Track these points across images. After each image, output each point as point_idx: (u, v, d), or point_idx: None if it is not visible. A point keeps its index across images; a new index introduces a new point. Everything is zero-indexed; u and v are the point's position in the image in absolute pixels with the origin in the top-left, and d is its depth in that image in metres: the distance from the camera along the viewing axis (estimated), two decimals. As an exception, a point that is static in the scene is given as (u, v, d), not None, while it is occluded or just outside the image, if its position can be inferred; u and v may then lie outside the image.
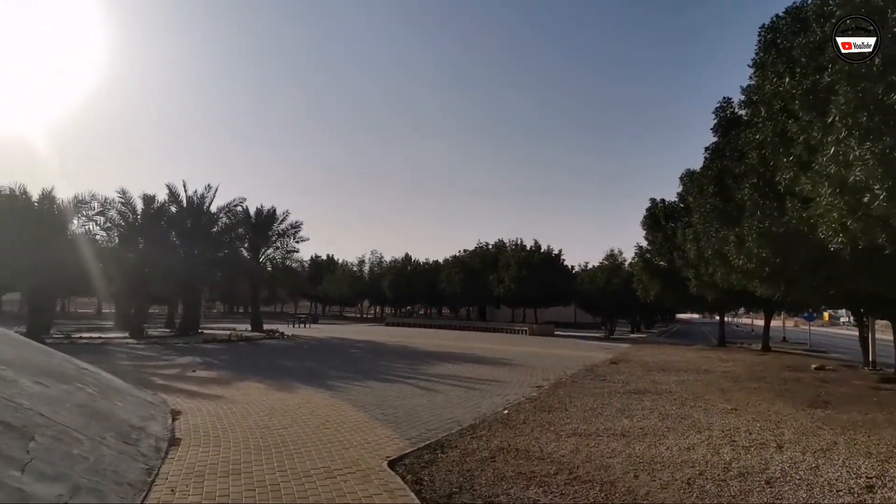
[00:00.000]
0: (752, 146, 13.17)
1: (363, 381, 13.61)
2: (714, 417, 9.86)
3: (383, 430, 8.27)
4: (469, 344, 28.92)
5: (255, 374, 14.29)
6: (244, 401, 10.22)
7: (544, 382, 14.39)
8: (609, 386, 13.79)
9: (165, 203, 26.62)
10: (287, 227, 33.91)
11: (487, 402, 11.04)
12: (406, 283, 58.68)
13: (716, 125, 19.04)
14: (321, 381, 13.34)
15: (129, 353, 18.92)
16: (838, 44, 7.83)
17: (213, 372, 14.48)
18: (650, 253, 31.55)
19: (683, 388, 13.60)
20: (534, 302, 45.73)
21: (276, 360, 18.54)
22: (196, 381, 12.73)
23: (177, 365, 15.81)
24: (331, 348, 24.26)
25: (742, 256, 13.90)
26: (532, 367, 18.45)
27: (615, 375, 16.27)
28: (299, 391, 11.67)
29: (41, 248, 19.80)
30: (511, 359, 21.09)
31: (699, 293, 26.84)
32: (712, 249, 17.87)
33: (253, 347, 23.14)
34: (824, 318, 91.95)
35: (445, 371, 16.43)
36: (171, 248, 26.33)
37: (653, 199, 31.47)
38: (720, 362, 21.46)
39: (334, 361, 18.36)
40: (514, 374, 16.07)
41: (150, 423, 7.42)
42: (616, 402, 11.35)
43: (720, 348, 30.00)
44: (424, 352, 23.45)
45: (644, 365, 19.72)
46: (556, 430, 8.56)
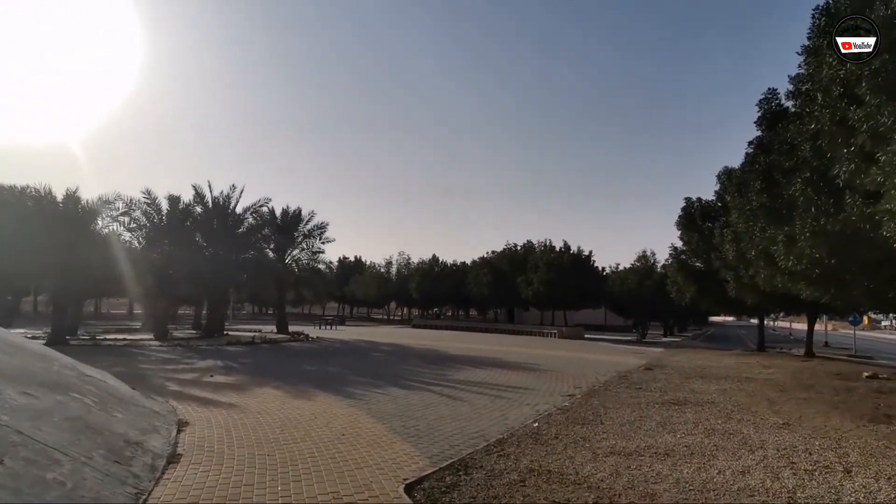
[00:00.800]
0: (806, 137, 12.14)
1: (385, 387, 12.99)
2: (766, 434, 8.95)
3: (402, 445, 7.60)
4: (497, 347, 28.16)
5: (274, 378, 13.79)
6: (258, 410, 9.67)
7: (576, 391, 13.59)
8: (646, 395, 12.92)
9: (191, 204, 26.50)
10: (313, 227, 33.63)
11: (516, 413, 10.31)
12: (433, 285, 58.11)
13: (760, 118, 17.94)
14: (341, 387, 12.76)
15: (150, 355, 18.66)
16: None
17: (232, 377, 14.02)
18: (685, 254, 30.32)
19: (727, 399, 12.65)
20: (563, 304, 44.66)
21: (297, 363, 18.07)
22: (212, 386, 12.25)
23: (196, 369, 15.41)
24: (354, 351, 23.76)
25: (791, 257, 12.87)
26: (562, 372, 17.63)
27: (651, 383, 15.36)
28: (317, 398, 11.09)
29: (65, 249, 19.69)
30: (540, 364, 20.28)
31: (738, 296, 25.64)
32: (756, 250, 16.81)
33: (276, 350, 22.76)
34: (864, 321, 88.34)
35: (471, 377, 15.73)
36: (196, 249, 26.17)
37: (688, 197, 30.26)
38: (762, 369, 20.29)
39: (357, 366, 17.80)
40: (544, 381, 15.28)
41: (151, 437, 6.88)
42: (655, 413, 10.50)
43: (760, 353, 28.65)
44: (450, 355, 22.77)
45: (681, 371, 18.72)
46: (592, 447, 7.79)
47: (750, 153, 18.97)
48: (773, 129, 16.96)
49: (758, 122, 18.08)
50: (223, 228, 27.32)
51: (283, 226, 33.17)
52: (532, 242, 52.12)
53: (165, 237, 24.28)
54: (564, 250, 44.94)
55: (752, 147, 18.81)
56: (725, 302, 29.08)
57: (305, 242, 33.74)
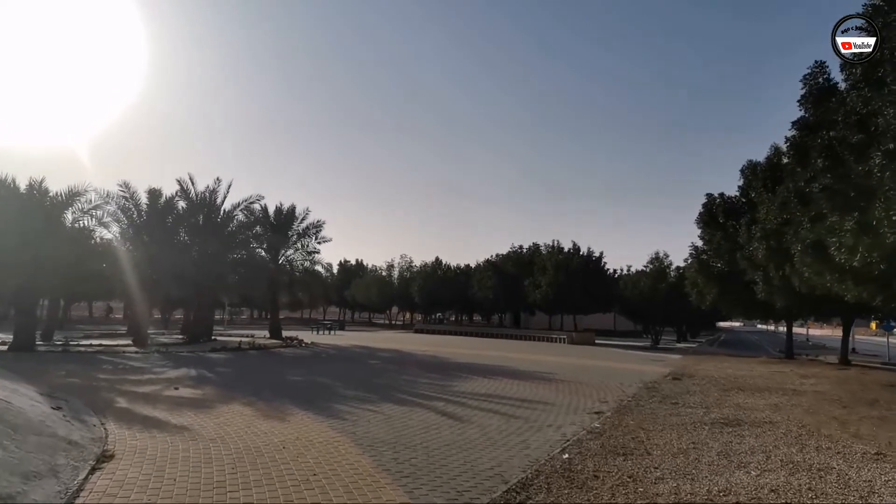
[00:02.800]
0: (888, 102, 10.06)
1: (378, 402, 10.99)
2: (863, 469, 6.92)
3: (392, 490, 5.61)
4: (504, 354, 26.13)
5: (248, 392, 11.80)
6: (214, 435, 7.68)
7: (603, 406, 11.58)
8: (687, 413, 10.88)
9: (174, 198, 24.47)
10: (308, 226, 31.67)
11: (538, 439, 8.30)
12: (436, 289, 56.03)
13: (805, 95, 15.89)
14: (325, 402, 10.77)
15: (119, 363, 16.68)
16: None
17: (200, 389, 12.03)
18: (706, 254, 28.25)
19: (785, 418, 10.61)
20: (573, 308, 42.57)
21: (282, 372, 16.09)
22: (170, 402, 10.26)
23: (162, 380, 13.41)
24: (350, 358, 21.76)
25: (861, 249, 10.81)
26: (581, 383, 15.61)
27: (686, 396, 13.33)
28: (293, 418, 9.10)
29: (29, 244, 17.74)
30: (554, 372, 18.27)
31: (767, 299, 23.59)
32: (802, 244, 14.77)
33: (263, 357, 20.77)
34: (871, 326, 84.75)
35: (479, 388, 13.72)
36: (180, 247, 24.20)
37: (709, 193, 28.23)
38: (801, 379, 18.22)
39: (349, 375, 15.79)
40: (563, 394, 13.25)
41: (38, 485, 4.89)
42: (709, 438, 8.48)
43: (789, 361, 26.55)
44: (455, 363, 20.75)
45: (713, 382, 16.68)
46: (647, 491, 5.78)
47: (793, 137, 16.90)
48: (821, 105, 14.95)
49: (802, 100, 16.03)
50: (210, 225, 25.38)
51: (277, 224, 31.21)
52: (537, 244, 50.27)
53: (144, 234, 22.31)
54: (573, 251, 42.87)
55: (795, 128, 16.76)
56: (750, 305, 27.02)
57: (300, 242, 31.78)
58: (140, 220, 22.69)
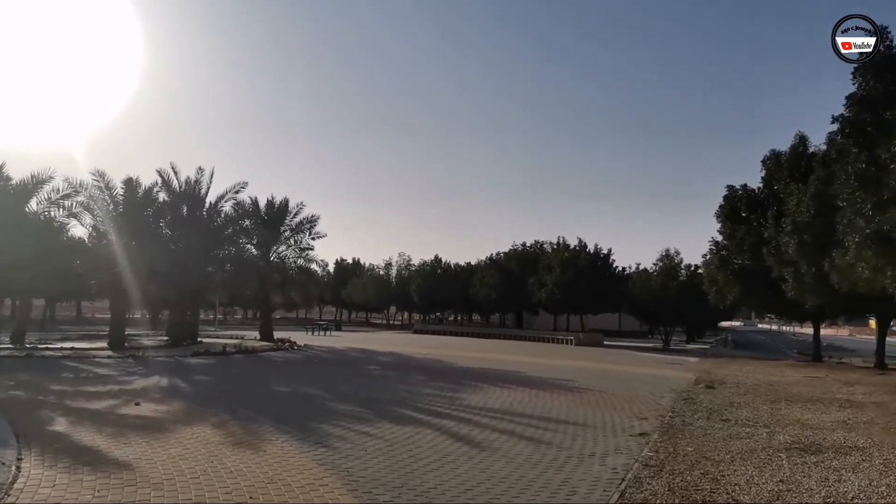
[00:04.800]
0: None
1: (377, 422, 9.14)
2: None
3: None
4: (513, 357, 24.29)
5: (223, 407, 9.96)
6: (161, 476, 5.82)
7: (644, 425, 9.75)
8: (747, 434, 9.06)
9: (154, 188, 22.50)
10: (302, 220, 29.69)
11: (583, 476, 6.47)
12: (436, 288, 54.09)
13: (861, 67, 14.05)
14: (314, 422, 8.91)
15: (83, 370, 14.81)
16: None
17: (166, 405, 10.17)
18: (726, 249, 26.44)
19: (866, 439, 8.79)
20: (581, 308, 40.71)
21: (268, 381, 14.24)
22: (124, 424, 8.41)
23: (126, 392, 11.52)
24: (345, 364, 19.91)
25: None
26: (607, 392, 13.79)
27: (733, 410, 11.53)
28: (271, 447, 7.25)
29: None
30: (572, 379, 16.46)
31: (797, 298, 21.82)
32: (860, 235, 12.98)
33: (250, 363, 18.91)
34: (870, 325, 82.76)
35: (493, 401, 11.89)
36: (161, 242, 22.28)
37: (730, 185, 26.46)
38: (845, 386, 16.43)
39: (343, 385, 13.93)
40: (592, 408, 11.41)
41: None
42: (798, 474, 6.67)
43: (818, 365, 24.76)
44: (460, 369, 18.92)
45: (752, 391, 14.89)
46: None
47: (847, 115, 15.04)
48: (882, 78, 13.17)
49: (856, 72, 14.25)
50: (194, 219, 23.48)
51: (268, 218, 29.27)
52: (539, 242, 48.51)
53: (121, 227, 20.37)
54: (580, 249, 41.02)
55: (850, 104, 14.91)
56: (775, 304, 25.24)
57: (294, 238, 29.85)
58: (116, 212, 20.74)
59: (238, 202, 25.92)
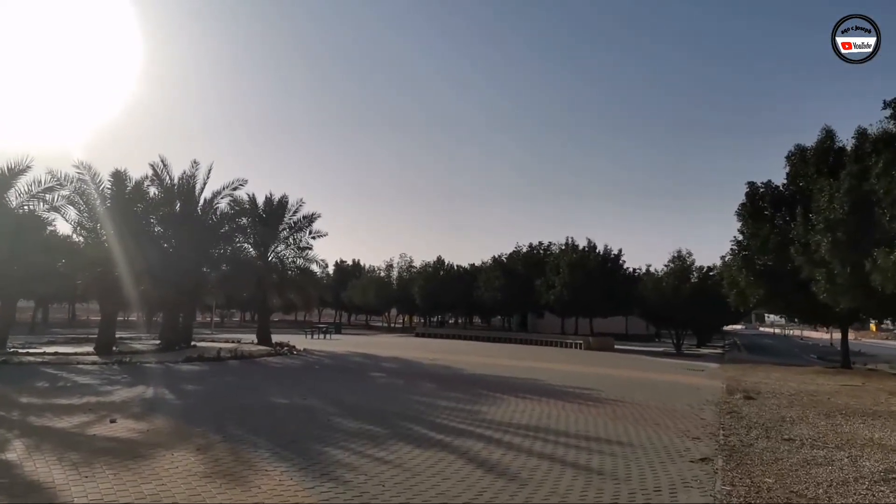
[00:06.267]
0: None
1: (390, 444, 7.81)
2: None
3: None
4: (524, 363, 22.94)
5: (211, 425, 8.62)
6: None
7: (697, 445, 8.44)
8: (823, 458, 7.74)
9: (145, 182, 21.09)
10: (301, 218, 28.26)
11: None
12: (439, 290, 52.68)
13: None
14: (317, 444, 7.58)
15: (61, 379, 13.46)
16: None
17: (146, 421, 8.82)
18: (746, 250, 25.10)
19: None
20: (591, 311, 39.31)
21: (265, 392, 12.88)
22: (92, 448, 7.07)
23: (105, 405, 10.17)
24: (348, 370, 18.57)
25: None
26: (639, 404, 12.47)
27: (788, 426, 10.23)
28: (264, 480, 5.92)
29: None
30: (596, 388, 15.13)
31: (829, 300, 20.52)
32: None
33: (245, 369, 17.56)
34: (871, 328, 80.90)
35: (519, 415, 10.55)
36: (151, 240, 20.92)
37: (751, 182, 25.14)
38: (893, 396, 15.15)
39: (348, 396, 12.59)
40: (632, 424, 10.07)
41: None
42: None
43: (848, 371, 23.46)
44: (472, 376, 17.61)
45: (795, 401, 13.61)
46: None
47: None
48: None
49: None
50: (187, 216, 22.12)
51: (266, 216, 27.86)
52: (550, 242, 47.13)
53: (108, 223, 19.01)
54: (590, 249, 39.65)
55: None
56: (802, 306, 23.91)
57: (292, 236, 28.47)
58: (104, 207, 19.36)
59: (235, 199, 24.57)
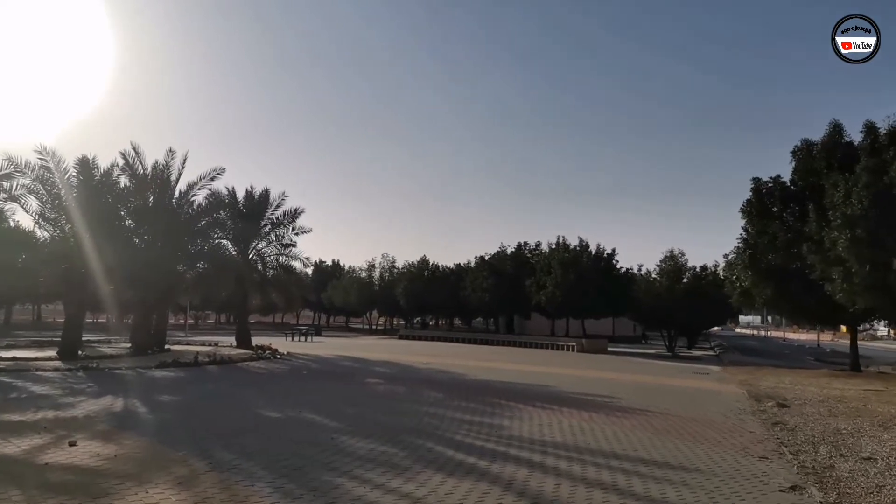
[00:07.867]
0: None
1: (412, 471, 6.39)
2: None
3: None
4: (524, 367, 21.60)
5: (192, 448, 7.12)
6: None
7: (771, 467, 7.19)
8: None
9: (115, 171, 19.25)
10: (283, 214, 26.62)
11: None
12: (424, 291, 51.14)
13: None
14: (325, 473, 6.15)
15: (16, 388, 11.78)
16: None
17: (114, 443, 7.27)
18: (753, 248, 24.14)
19: None
20: (584, 312, 38.19)
21: (251, 403, 11.34)
22: (40, 482, 5.56)
23: (64, 421, 8.58)
24: (340, 376, 17.09)
25: None
26: (671, 415, 11.26)
27: (852, 441, 9.11)
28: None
29: None
30: (613, 395, 13.93)
31: (846, 300, 19.61)
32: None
33: (226, 375, 15.98)
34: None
35: (547, 430, 9.23)
36: (121, 234, 19.14)
37: (756, 178, 24.22)
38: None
39: (347, 406, 11.15)
40: (678, 439, 8.80)
41: None
42: None
43: (860, 374, 22.66)
44: (475, 382, 16.27)
45: (832, 410, 12.58)
46: None
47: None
48: None
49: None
50: (162, 208, 20.35)
51: (247, 210, 26.17)
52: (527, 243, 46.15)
53: (73, 215, 17.20)
54: (583, 248, 38.55)
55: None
56: (812, 306, 23.02)
57: (274, 232, 26.80)
58: (70, 197, 17.52)
59: (213, 192, 22.82)
